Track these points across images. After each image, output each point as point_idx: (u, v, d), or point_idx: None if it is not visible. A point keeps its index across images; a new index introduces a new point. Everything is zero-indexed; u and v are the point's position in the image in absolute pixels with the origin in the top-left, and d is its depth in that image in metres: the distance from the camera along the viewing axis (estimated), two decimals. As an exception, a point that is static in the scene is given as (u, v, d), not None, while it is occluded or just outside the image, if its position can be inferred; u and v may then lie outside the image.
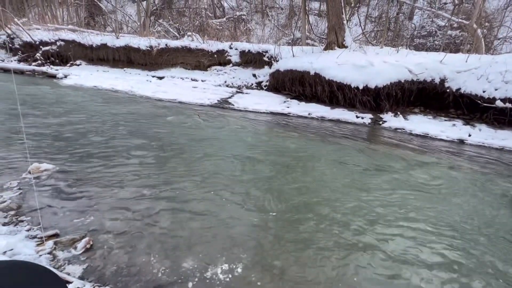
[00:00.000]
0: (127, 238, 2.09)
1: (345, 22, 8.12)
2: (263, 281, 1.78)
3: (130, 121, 5.08)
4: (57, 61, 10.91)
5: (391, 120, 6.22)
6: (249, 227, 2.32)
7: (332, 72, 6.95)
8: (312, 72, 7.27)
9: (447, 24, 10.81)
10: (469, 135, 5.33)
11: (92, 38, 11.00)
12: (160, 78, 9.71)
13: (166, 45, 10.37)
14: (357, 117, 6.40)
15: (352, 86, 6.67)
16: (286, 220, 2.44)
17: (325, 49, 8.44)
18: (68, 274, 1.74)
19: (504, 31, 11.79)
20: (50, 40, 10.89)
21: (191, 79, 9.59)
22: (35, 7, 16.19)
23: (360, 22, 12.26)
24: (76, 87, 8.08)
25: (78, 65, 10.96)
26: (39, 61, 10.61)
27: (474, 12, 9.25)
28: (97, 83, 8.41)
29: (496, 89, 5.52)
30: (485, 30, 10.87)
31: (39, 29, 11.76)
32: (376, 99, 6.66)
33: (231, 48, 10.19)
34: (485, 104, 5.55)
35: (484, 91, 5.64)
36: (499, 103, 5.40)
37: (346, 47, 7.97)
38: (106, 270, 1.81)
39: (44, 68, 9.96)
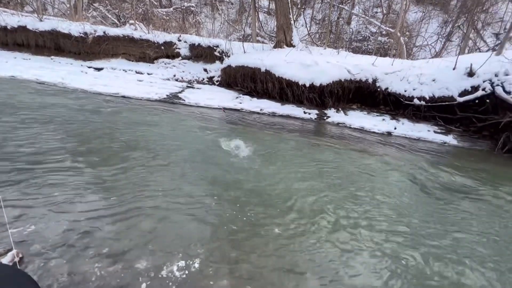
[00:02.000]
0: (67, 246, 1.89)
1: (292, 22, 8.54)
2: (220, 273, 1.82)
3: (62, 118, 4.47)
4: (-45, 43, 8.84)
5: (334, 115, 6.84)
6: (204, 223, 2.32)
7: (281, 70, 7.27)
8: (263, 69, 7.48)
9: (377, 31, 12.29)
10: (395, 128, 6.23)
11: (6, 18, 9.20)
12: (99, 69, 8.71)
13: (104, 32, 9.32)
14: (305, 112, 6.86)
15: (300, 84, 7.10)
16: (238, 211, 2.51)
17: (275, 47, 8.75)
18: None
19: (420, 40, 14.00)
20: None
21: (136, 71, 8.86)
22: None
23: (306, 23, 13.01)
24: (-14, 77, 6.70)
25: (-13, 49, 9.07)
26: None
27: (398, 21, 10.73)
28: (16, 73, 7.12)
29: (414, 89, 6.56)
30: (406, 38, 12.71)
31: None
32: (321, 96, 7.22)
33: (179, 40, 9.74)
34: (406, 102, 6.55)
35: (405, 91, 6.64)
36: (416, 101, 6.43)
37: (294, 46, 8.41)
38: (42, 283, 1.61)
39: None
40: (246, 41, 10.17)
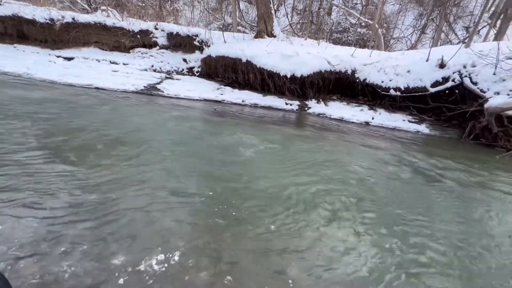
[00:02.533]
0: (37, 246, 1.79)
1: (273, 12, 8.44)
2: (201, 266, 1.82)
3: (29, 112, 4.17)
4: None
5: (314, 106, 6.94)
6: (184, 216, 2.30)
7: (262, 60, 7.21)
8: (244, 60, 7.38)
9: (357, 22, 12.47)
10: (373, 118, 6.44)
11: (-41, 1, 8.32)
12: (69, 59, 8.18)
13: (73, 19, 8.71)
14: (286, 104, 6.89)
15: (281, 75, 7.10)
16: (217, 202, 2.51)
17: (256, 37, 8.63)
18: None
19: (397, 32, 14.42)
20: None
21: (110, 61, 8.42)
22: None
23: (287, 13, 12.91)
24: None
25: None
26: None
27: (376, 13, 10.94)
28: (-26, 62, 6.52)
29: (390, 80, 6.78)
30: (384, 30, 13.03)
31: None
32: (302, 87, 7.28)
33: (156, 29, 9.33)
34: (383, 92, 6.77)
35: (382, 82, 6.85)
36: (392, 92, 6.67)
37: (275, 36, 8.34)
38: (11, 284, 1.52)
39: None
40: (226, 30, 9.95)
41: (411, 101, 6.59)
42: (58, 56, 8.21)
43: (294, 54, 7.21)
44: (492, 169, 4.09)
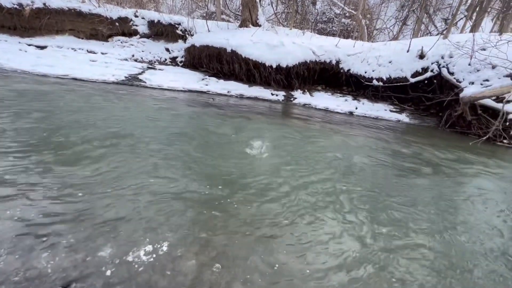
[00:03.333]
0: (17, 242, 1.73)
1: (258, 0, 8.29)
2: (189, 254, 1.84)
3: (3, 103, 3.92)
4: None
5: (300, 96, 7.00)
6: (171, 206, 2.29)
7: (248, 50, 7.13)
8: (228, 49, 7.26)
9: (341, 13, 12.52)
10: (356, 108, 6.60)
11: None
12: (41, 47, 7.69)
13: (44, 4, 8.14)
14: (272, 94, 6.90)
15: (267, 65, 7.06)
16: (204, 192, 2.51)
17: (240, 26, 8.48)
18: None
19: (380, 23, 14.64)
20: None
21: (87, 50, 8.01)
22: None
23: (272, 2, 12.72)
24: None
25: None
26: None
27: (360, 4, 11.03)
28: None
29: (373, 71, 6.93)
30: (367, 21, 13.18)
31: None
32: (288, 78, 7.29)
33: (136, 16, 8.93)
34: (366, 83, 6.92)
35: (365, 72, 6.99)
36: (375, 82, 6.83)
37: (260, 25, 8.23)
38: (-9, 283, 1.48)
39: None
40: (210, 19, 9.69)
41: (392, 91, 6.79)
42: (29, 45, 7.69)
43: (280, 44, 7.18)
44: (465, 154, 4.35)
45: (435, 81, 6.21)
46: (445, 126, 5.82)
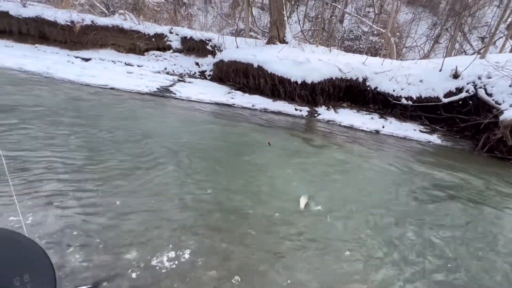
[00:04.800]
0: (56, 237, 1.87)
1: (285, 18, 8.54)
2: (210, 264, 1.86)
3: (51, 108, 4.35)
4: None
5: (324, 113, 6.94)
6: (195, 214, 2.34)
7: (274, 66, 7.29)
8: (255, 65, 7.47)
9: (369, 30, 12.47)
10: (383, 127, 6.39)
11: (-13, 2, 8.77)
12: (86, 59, 8.47)
13: (92, 22, 9.04)
14: (296, 109, 6.93)
15: (292, 81, 7.15)
16: (229, 203, 2.54)
17: (268, 43, 8.74)
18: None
19: (410, 41, 14.31)
20: None
21: (125, 63, 8.67)
22: None
23: (299, 20, 13.03)
24: (-35, 64, 6.40)
25: (-33, 35, 8.64)
26: None
27: (389, 22, 10.92)
28: (-2, 60, 6.84)
29: (402, 89, 6.73)
30: (396, 39, 12.96)
31: None
32: (312, 94, 7.30)
33: (171, 33, 9.57)
34: (394, 101, 6.72)
35: (394, 90, 6.81)
36: (404, 101, 6.61)
37: (287, 42, 8.43)
38: (30, 274, 1.60)
39: None
40: (239, 36, 10.11)
41: (422, 110, 6.52)
42: (76, 57, 8.51)
43: (306, 61, 7.26)
44: (506, 182, 4.00)
45: (470, 102, 5.88)
46: (482, 150, 5.42)
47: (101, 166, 2.85)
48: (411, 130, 6.28)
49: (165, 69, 8.79)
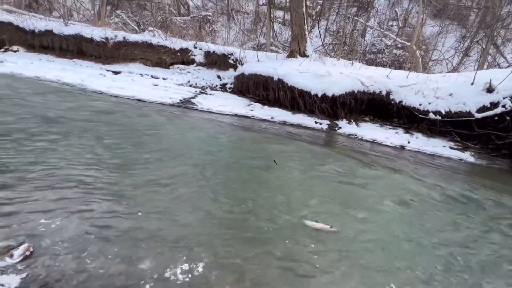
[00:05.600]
0: (76, 242, 1.92)
1: (307, 33, 8.62)
2: (224, 279, 1.80)
3: (81, 117, 4.63)
4: (-14, 44, 9.41)
5: (345, 126, 6.77)
6: (210, 227, 2.31)
7: (294, 79, 7.30)
8: (275, 78, 7.54)
9: (392, 44, 12.21)
10: (409, 142, 6.07)
11: (35, 22, 9.76)
12: (116, 72, 9.04)
13: (124, 38, 9.71)
14: (316, 122, 6.82)
15: (312, 93, 7.09)
16: (245, 218, 2.48)
17: (288, 56, 8.82)
18: (2, 285, 1.53)
19: (437, 54, 13.79)
20: (-22, 19, 9.35)
21: (152, 76, 9.13)
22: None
23: (320, 34, 13.10)
24: (12, 76, 7.07)
25: (15, 51, 9.61)
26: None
27: (414, 35, 10.64)
28: (40, 73, 7.47)
29: (429, 103, 6.42)
30: (422, 52, 12.55)
31: (-36, 5, 10.01)
32: (333, 107, 7.18)
33: (195, 47, 10.00)
34: (420, 116, 6.40)
35: (420, 104, 6.51)
36: (431, 115, 6.28)
37: (307, 56, 8.45)
38: (50, 278, 1.64)
39: (-31, 51, 8.49)
40: (260, 50, 10.32)
41: (453, 126, 6.14)
42: (108, 70, 9.12)
43: (326, 74, 7.21)
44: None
45: (508, 117, 5.44)
46: (523, 170, 4.94)
47: (124, 174, 2.94)
48: (440, 147, 5.91)
49: (188, 81, 9.13)
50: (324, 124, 6.78)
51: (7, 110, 4.37)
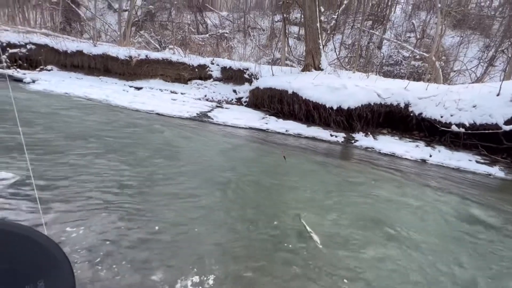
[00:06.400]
0: (92, 252, 1.98)
1: (321, 47, 8.70)
2: (235, 294, 1.77)
3: (104, 131, 4.89)
4: (25, 64, 10.32)
5: (362, 139, 6.61)
6: (222, 239, 2.30)
7: (308, 92, 7.33)
8: (290, 91, 7.60)
9: (410, 55, 11.99)
10: (430, 156, 5.81)
11: (67, 44, 10.64)
12: (138, 88, 9.53)
13: (146, 56, 10.30)
14: (331, 135, 6.72)
15: (327, 106, 7.06)
16: (260, 231, 2.45)
17: (303, 70, 8.91)
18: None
19: (458, 64, 13.33)
20: (19, 42, 10.34)
21: (171, 91, 9.53)
22: (5, 8, 15.42)
23: (335, 48, 13.17)
24: (45, 93, 7.66)
25: (49, 70, 10.46)
26: (5, 64, 9.95)
27: (433, 46, 10.40)
28: (69, 90, 8.05)
29: (451, 115, 6.15)
30: (442, 63, 12.19)
31: (7, 30, 11.14)
32: (349, 119, 7.07)
33: (212, 63, 10.38)
34: (442, 128, 6.14)
35: (441, 116, 6.26)
36: (454, 128, 6.00)
37: (322, 69, 8.49)
38: (67, 285, 1.69)
39: (9, 71, 9.34)
40: (275, 64, 10.51)
41: (478, 139, 5.81)
42: (130, 86, 9.66)
43: (341, 87, 7.17)
44: None
45: (540, 130, 5.08)
46: (562, 187, 4.53)
47: (145, 187, 3.04)
48: (465, 160, 5.59)
49: (205, 96, 9.43)
50: (340, 137, 6.67)
51: (38, 122, 4.72)
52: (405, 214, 3.15)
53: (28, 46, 10.36)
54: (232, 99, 9.41)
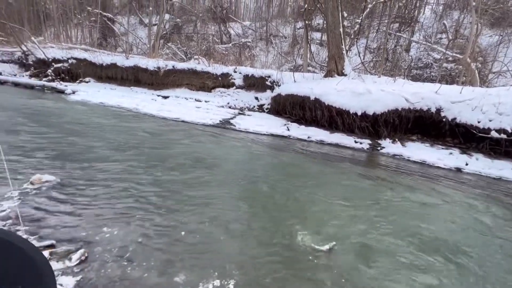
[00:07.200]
0: (123, 251, 2.10)
1: (344, 52, 8.55)
2: (255, 301, 1.76)
3: (134, 138, 5.20)
4: (67, 77, 11.34)
5: (389, 146, 6.32)
6: (244, 245, 2.32)
7: (331, 98, 7.20)
8: (312, 97, 7.53)
9: (442, 57, 11.33)
10: (466, 164, 5.39)
11: (103, 57, 11.54)
12: (165, 97, 10.02)
13: (173, 66, 10.84)
14: (356, 142, 6.51)
15: (351, 112, 6.87)
16: (282, 238, 2.44)
17: (325, 76, 8.79)
18: (61, 285, 1.74)
19: (498, 65, 12.31)
20: (62, 57, 11.42)
21: (195, 99, 9.89)
22: (52, 27, 17.18)
23: (359, 52, 12.85)
24: (83, 103, 8.34)
25: (87, 82, 11.39)
26: (50, 77, 11.03)
27: (468, 47, 9.74)
28: (104, 100, 8.68)
29: (490, 120, 5.68)
30: (479, 64, 11.34)
31: (53, 47, 12.37)
32: (374, 126, 6.81)
33: (235, 72, 10.63)
34: (480, 134, 5.68)
35: (479, 122, 5.80)
36: (494, 134, 5.53)
37: (345, 75, 8.32)
38: (99, 282, 1.80)
39: (53, 84, 10.33)
40: (297, 71, 10.50)
41: (523, 146, 5.29)
42: (158, 95, 10.19)
43: (366, 92, 6.96)
44: None
45: None
46: None
47: (175, 193, 3.17)
48: (508, 169, 5.11)
49: (228, 103, 9.65)
50: (365, 143, 6.44)
51: (75, 130, 5.15)
52: (466, 236, 2.93)
53: (70, 61, 11.40)
54: (254, 106, 9.52)
